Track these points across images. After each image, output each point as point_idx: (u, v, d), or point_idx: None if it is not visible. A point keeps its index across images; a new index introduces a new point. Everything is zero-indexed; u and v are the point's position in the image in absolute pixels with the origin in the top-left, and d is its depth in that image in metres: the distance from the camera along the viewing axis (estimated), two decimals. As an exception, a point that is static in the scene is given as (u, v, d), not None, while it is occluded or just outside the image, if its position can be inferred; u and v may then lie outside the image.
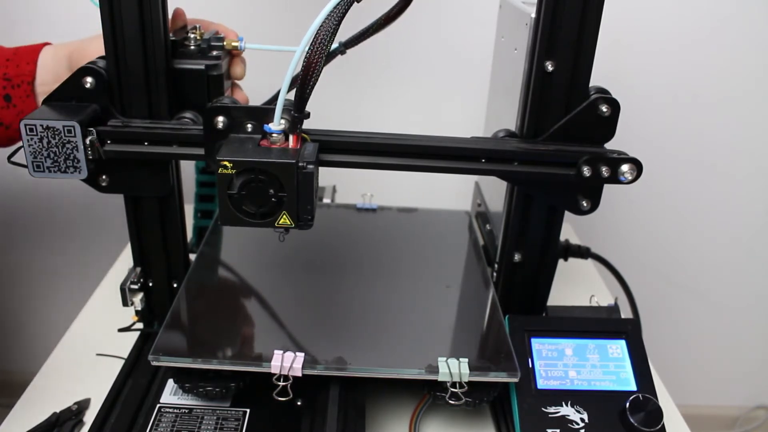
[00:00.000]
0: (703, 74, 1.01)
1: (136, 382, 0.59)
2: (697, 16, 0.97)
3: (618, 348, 0.60)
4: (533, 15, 0.56)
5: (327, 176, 0.76)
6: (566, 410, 0.56)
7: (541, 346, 0.60)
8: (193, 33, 0.60)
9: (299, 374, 0.53)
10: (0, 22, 0.94)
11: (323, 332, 0.59)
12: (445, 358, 0.55)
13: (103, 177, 0.56)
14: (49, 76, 0.64)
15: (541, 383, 0.57)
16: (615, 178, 0.55)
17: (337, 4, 0.46)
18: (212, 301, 0.63)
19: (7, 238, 1.12)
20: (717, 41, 0.98)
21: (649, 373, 0.59)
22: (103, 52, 0.54)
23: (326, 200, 0.87)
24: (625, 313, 0.69)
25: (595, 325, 0.62)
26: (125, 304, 0.62)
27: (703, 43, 0.98)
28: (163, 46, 0.54)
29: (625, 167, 0.54)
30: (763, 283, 1.21)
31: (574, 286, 0.82)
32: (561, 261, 0.80)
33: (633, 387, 0.58)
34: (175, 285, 0.65)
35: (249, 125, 0.52)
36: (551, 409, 0.56)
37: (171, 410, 0.55)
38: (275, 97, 0.50)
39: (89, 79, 0.53)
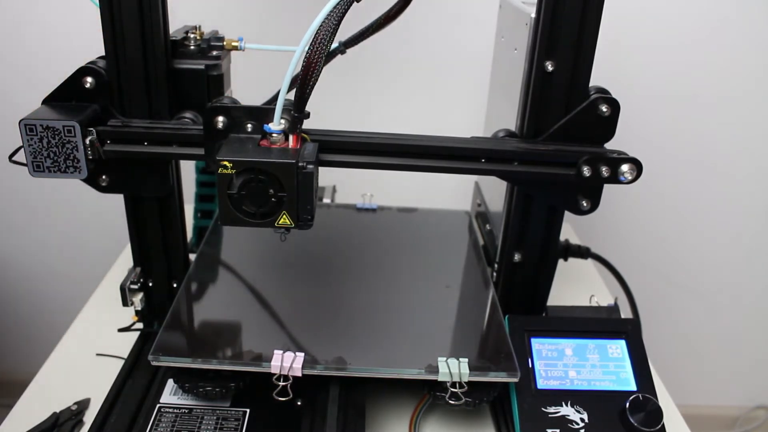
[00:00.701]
0: (703, 74, 1.01)
1: (136, 382, 0.59)
2: (697, 16, 0.97)
3: (618, 348, 0.60)
4: (533, 15, 0.56)
5: (327, 176, 0.76)
6: (566, 410, 0.56)
7: (541, 346, 0.60)
8: (193, 33, 0.60)
9: (299, 374, 0.53)
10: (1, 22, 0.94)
11: (323, 332, 0.59)
12: (445, 358, 0.55)
13: (103, 177, 0.56)
14: None
15: (541, 383, 0.57)
16: (615, 178, 0.55)
17: (337, 4, 0.46)
18: (212, 301, 0.63)
19: (7, 238, 1.12)
20: (717, 41, 0.98)
21: (649, 373, 0.59)
22: None
23: (326, 200, 0.87)
24: (625, 313, 0.69)
25: (595, 325, 0.62)
26: (125, 304, 0.62)
27: (703, 43, 0.98)
28: (163, 46, 0.54)
29: (625, 167, 0.54)
30: (763, 283, 1.20)
31: (574, 286, 0.82)
32: (561, 261, 0.80)
33: (633, 387, 0.58)
34: (175, 285, 0.65)
35: (249, 125, 0.52)
36: (551, 409, 0.56)
37: (171, 410, 0.55)
38: (275, 97, 0.50)
39: (89, 79, 0.53)
